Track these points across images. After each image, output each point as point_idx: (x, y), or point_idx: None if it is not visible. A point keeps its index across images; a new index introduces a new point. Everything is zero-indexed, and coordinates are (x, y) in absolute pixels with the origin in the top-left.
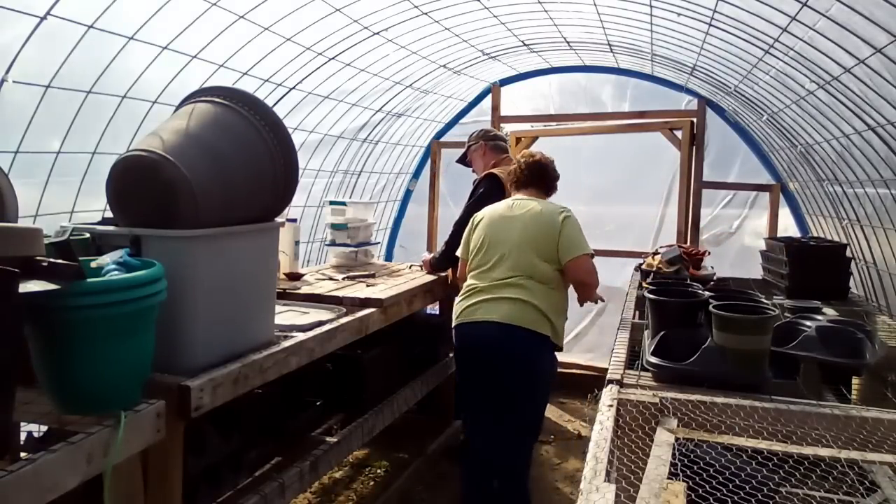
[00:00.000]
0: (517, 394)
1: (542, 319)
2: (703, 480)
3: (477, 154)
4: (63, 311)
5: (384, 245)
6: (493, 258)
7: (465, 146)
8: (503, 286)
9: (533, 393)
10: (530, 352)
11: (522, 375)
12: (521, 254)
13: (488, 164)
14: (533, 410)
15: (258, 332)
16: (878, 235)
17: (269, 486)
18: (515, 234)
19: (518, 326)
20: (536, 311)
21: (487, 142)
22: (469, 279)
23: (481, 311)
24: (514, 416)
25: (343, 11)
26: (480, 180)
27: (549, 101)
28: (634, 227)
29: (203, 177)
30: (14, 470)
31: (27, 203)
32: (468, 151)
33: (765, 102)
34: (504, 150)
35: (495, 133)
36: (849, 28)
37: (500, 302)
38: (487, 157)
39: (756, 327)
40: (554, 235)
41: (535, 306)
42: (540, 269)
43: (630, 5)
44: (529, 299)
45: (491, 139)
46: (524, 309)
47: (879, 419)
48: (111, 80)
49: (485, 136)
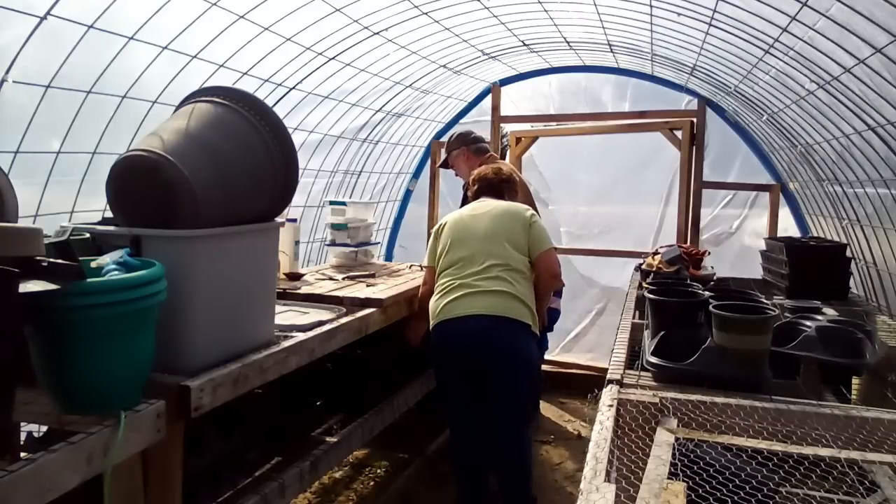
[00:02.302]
0: (510, 386)
1: (524, 309)
2: (703, 480)
3: (460, 160)
4: (63, 311)
5: (384, 245)
6: (462, 255)
7: (446, 151)
8: (482, 278)
9: (525, 383)
10: (519, 343)
11: (514, 367)
12: (493, 245)
13: (473, 167)
14: (525, 400)
15: (258, 332)
16: (878, 235)
17: (269, 486)
18: (482, 228)
19: (504, 318)
20: (518, 301)
21: (468, 146)
22: (440, 279)
23: (463, 306)
24: (507, 410)
25: (343, 11)
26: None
27: (549, 101)
28: (634, 227)
29: (203, 177)
30: (14, 470)
31: (27, 203)
32: (449, 157)
33: (765, 102)
34: (486, 151)
35: (474, 135)
36: (849, 28)
37: (481, 294)
38: (472, 161)
39: (756, 327)
40: (524, 228)
41: (516, 296)
42: (514, 257)
43: (630, 5)
44: (509, 290)
45: (472, 142)
46: (506, 299)
47: (879, 419)
48: (111, 80)
49: (465, 141)
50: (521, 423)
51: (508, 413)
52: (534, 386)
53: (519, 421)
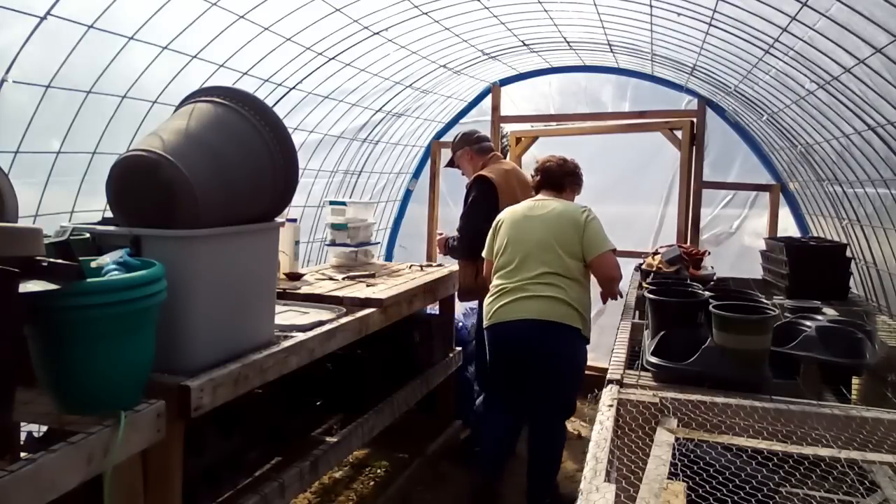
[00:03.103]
0: (555, 386)
1: (574, 313)
2: (703, 480)
3: (464, 160)
4: (63, 311)
5: (384, 245)
6: (516, 258)
7: (451, 151)
8: (533, 284)
9: (569, 383)
10: (566, 345)
11: (558, 368)
12: (546, 251)
13: (477, 166)
14: (568, 399)
15: (258, 332)
16: (878, 235)
17: (269, 486)
18: (537, 233)
19: (553, 322)
20: (567, 306)
21: (472, 146)
22: (495, 280)
23: (515, 311)
24: (551, 408)
25: (343, 11)
26: (471, 185)
27: (549, 101)
28: (634, 227)
29: (203, 177)
30: (14, 470)
31: (27, 203)
32: (454, 157)
33: (765, 102)
34: (489, 150)
35: (478, 134)
36: (849, 28)
37: (532, 300)
38: (475, 161)
39: (756, 327)
40: (578, 232)
41: (566, 301)
42: (566, 264)
43: (630, 5)
44: (560, 295)
45: (474, 142)
46: (556, 304)
47: (879, 419)
48: (111, 80)
49: (468, 141)
50: (561, 420)
51: (552, 411)
52: (576, 386)
53: (560, 418)
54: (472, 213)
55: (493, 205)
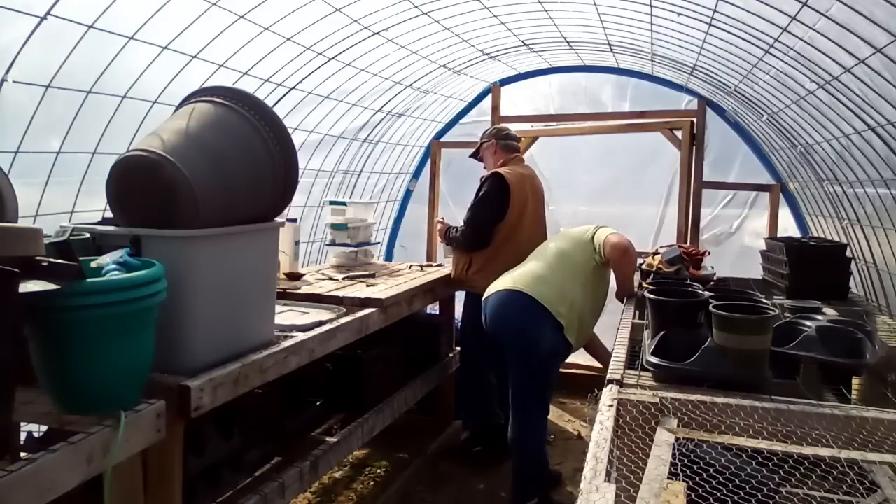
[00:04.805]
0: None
1: (561, 301)
2: (703, 480)
3: (488, 152)
4: (63, 311)
5: (384, 245)
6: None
7: (479, 142)
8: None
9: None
10: (527, 321)
11: (519, 343)
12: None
13: (497, 162)
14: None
15: (258, 332)
16: (878, 235)
17: (269, 486)
18: (553, 244)
19: (523, 293)
20: (557, 293)
21: (498, 140)
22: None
23: (502, 283)
24: (516, 384)
25: (343, 11)
26: (486, 179)
27: (549, 101)
28: (634, 227)
29: (203, 177)
30: (14, 470)
31: (27, 203)
32: (480, 148)
33: (765, 102)
34: (514, 150)
35: (508, 132)
36: (849, 28)
37: (526, 276)
38: (497, 156)
39: (756, 327)
40: (587, 235)
41: (559, 289)
42: (577, 271)
43: (630, 5)
44: (555, 279)
45: (502, 138)
46: (545, 284)
47: (879, 419)
48: (111, 80)
49: (496, 135)
50: (528, 402)
51: (517, 387)
52: (544, 372)
53: (526, 398)
54: (479, 209)
55: (503, 203)
